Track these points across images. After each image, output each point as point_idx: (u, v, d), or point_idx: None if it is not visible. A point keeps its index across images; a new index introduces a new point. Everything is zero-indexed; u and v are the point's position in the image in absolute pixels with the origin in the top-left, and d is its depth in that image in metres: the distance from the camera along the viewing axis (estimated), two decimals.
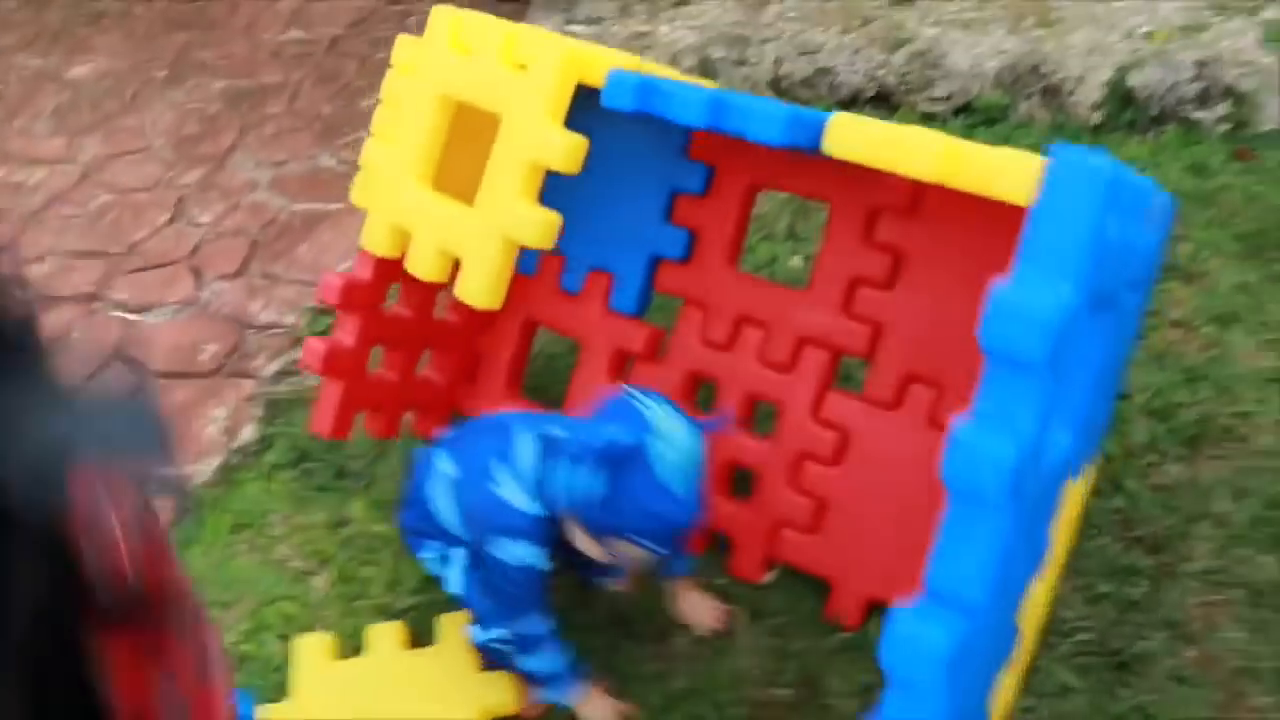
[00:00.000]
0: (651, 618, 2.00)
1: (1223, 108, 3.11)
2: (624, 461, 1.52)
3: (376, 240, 2.09)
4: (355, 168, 3.37)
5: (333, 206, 3.26)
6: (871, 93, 3.25)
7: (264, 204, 3.34)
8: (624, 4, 3.83)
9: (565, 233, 1.97)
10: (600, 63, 1.89)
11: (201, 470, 2.47)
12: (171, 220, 3.33)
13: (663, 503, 1.52)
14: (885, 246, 2.02)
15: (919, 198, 1.98)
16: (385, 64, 3.99)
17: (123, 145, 3.73)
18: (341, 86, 3.89)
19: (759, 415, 2.22)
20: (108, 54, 4.33)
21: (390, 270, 2.12)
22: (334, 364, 2.10)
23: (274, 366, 2.73)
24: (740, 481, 2.14)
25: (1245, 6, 3.52)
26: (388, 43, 4.04)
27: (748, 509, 2.09)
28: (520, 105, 1.88)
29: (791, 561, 2.04)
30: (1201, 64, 3.21)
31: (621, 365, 2.29)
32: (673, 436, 1.54)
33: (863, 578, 1.95)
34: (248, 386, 2.68)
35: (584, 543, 1.64)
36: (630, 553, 1.59)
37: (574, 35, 3.66)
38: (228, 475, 2.45)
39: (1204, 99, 3.13)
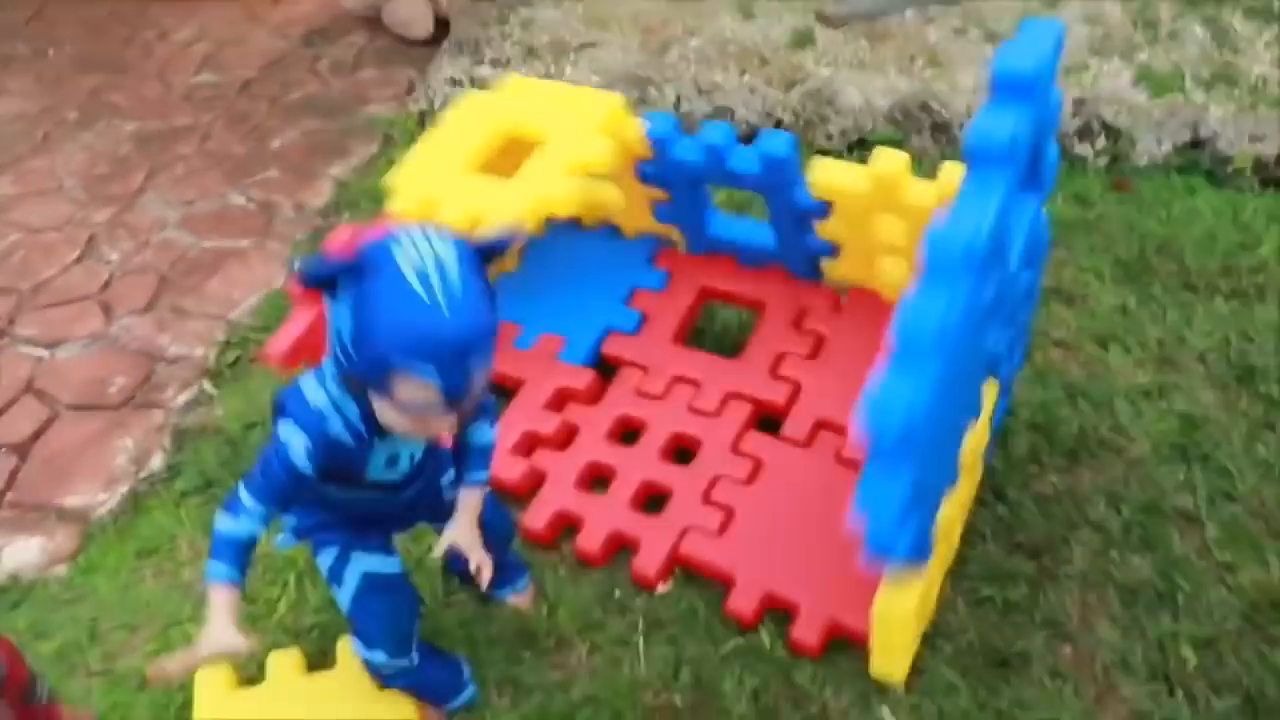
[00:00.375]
0: (551, 630, 2.05)
1: (1101, 143, 3.29)
2: (362, 273, 1.33)
3: (405, 206, 2.24)
4: (264, 206, 3.46)
5: (242, 243, 3.30)
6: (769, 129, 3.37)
7: (173, 241, 3.35)
8: (529, 47, 3.93)
9: (528, 309, 2.53)
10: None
11: (108, 499, 2.48)
12: (81, 258, 3.33)
13: (410, 305, 1.31)
14: (810, 332, 2.46)
15: (838, 301, 2.50)
16: (297, 105, 4.08)
17: (33, 185, 3.72)
18: (252, 128, 3.92)
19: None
20: (20, 96, 4.32)
21: None
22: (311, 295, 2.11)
23: (183, 397, 2.74)
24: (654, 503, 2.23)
25: (1121, 49, 3.74)
26: (299, 84, 4.17)
27: (658, 519, 2.19)
28: (570, 123, 2.35)
29: (695, 562, 2.12)
30: (1080, 102, 3.40)
31: (561, 404, 2.44)
32: (417, 237, 1.35)
33: (762, 577, 2.05)
34: (157, 417, 2.69)
35: (382, 413, 1.44)
36: (413, 395, 1.37)
37: (481, 79, 3.75)
38: (135, 503, 2.46)
39: (1084, 134, 3.31)
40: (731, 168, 2.35)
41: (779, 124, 3.39)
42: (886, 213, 2.28)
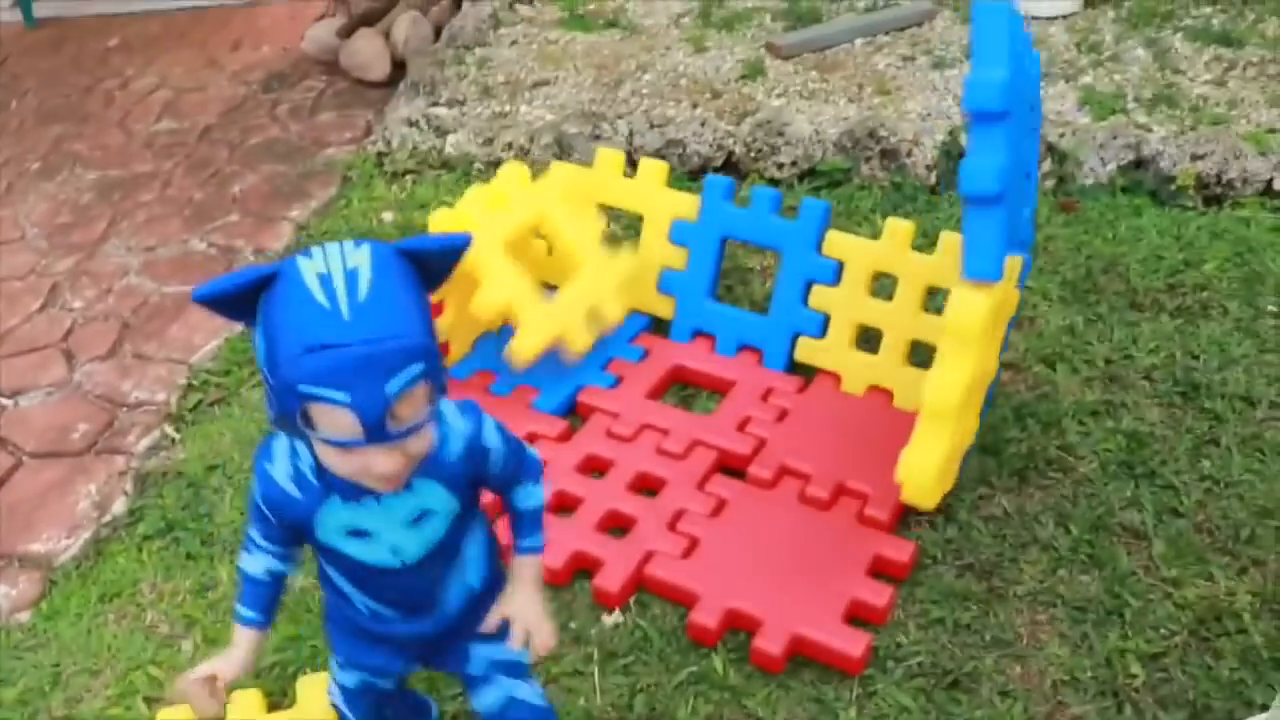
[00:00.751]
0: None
1: (1048, 165, 3.37)
2: (268, 287, 1.20)
3: None
4: (225, 250, 3.49)
5: None
6: (720, 161, 3.43)
7: (135, 287, 3.37)
8: (485, 86, 3.99)
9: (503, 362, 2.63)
10: None
11: (71, 545, 2.49)
12: (44, 306, 3.35)
13: (309, 314, 1.16)
14: (775, 405, 2.57)
15: (805, 385, 2.64)
16: (257, 150, 4.12)
17: None
18: (212, 174, 3.96)
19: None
20: None
21: None
22: None
23: (145, 442, 2.76)
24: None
25: (1065, 73, 3.83)
26: (259, 129, 4.22)
27: (621, 542, 2.25)
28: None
29: (657, 582, 2.17)
30: None
31: (530, 443, 2.45)
32: (329, 245, 1.22)
33: (725, 595, 2.09)
34: (119, 462, 2.70)
35: (320, 453, 1.28)
36: (331, 425, 1.20)
37: (438, 118, 3.80)
38: (98, 549, 2.47)
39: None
40: (765, 228, 2.74)
41: (730, 156, 3.45)
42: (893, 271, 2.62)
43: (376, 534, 1.39)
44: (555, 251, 2.81)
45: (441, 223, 2.57)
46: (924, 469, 2.12)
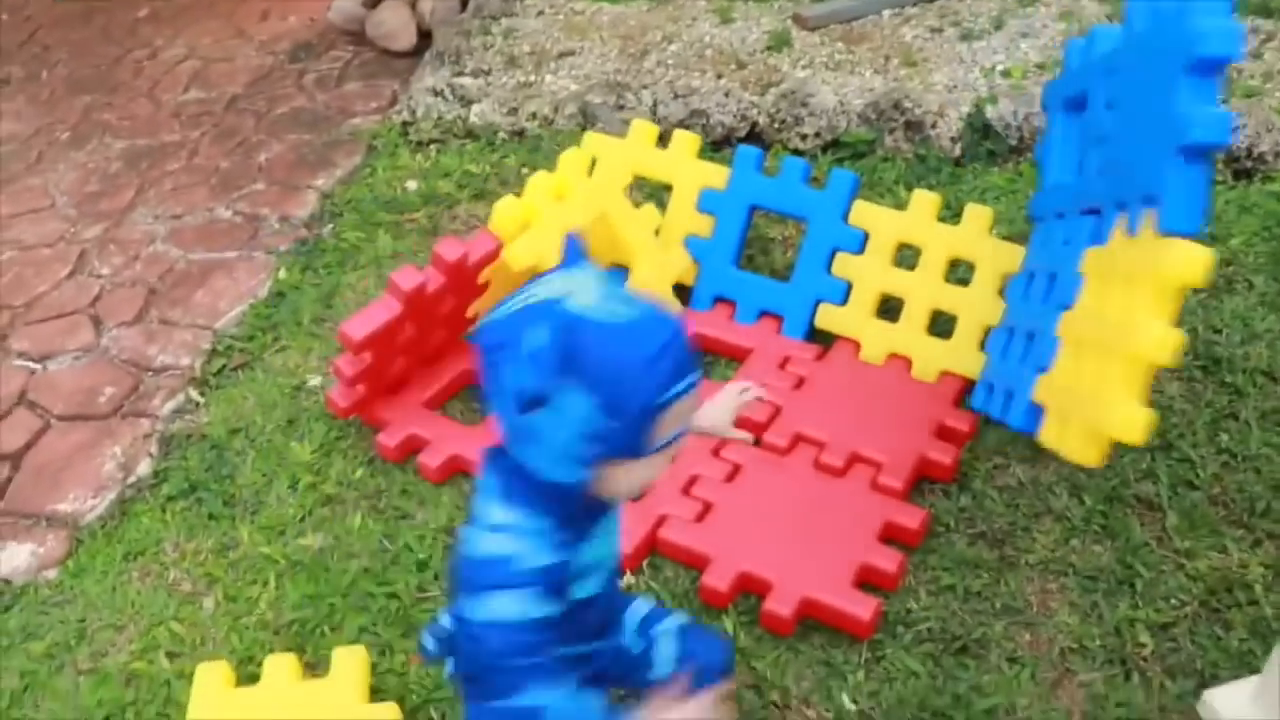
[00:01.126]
0: None
1: None
2: (570, 356, 1.12)
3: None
4: (250, 218, 3.53)
5: (228, 255, 3.36)
6: (744, 132, 3.43)
7: (162, 255, 3.42)
8: (510, 56, 3.99)
9: None
10: None
11: (98, 505, 2.54)
12: (72, 273, 3.40)
13: (621, 336, 1.14)
14: (792, 373, 2.58)
15: (823, 353, 2.65)
16: (283, 119, 4.16)
17: (27, 204, 3.80)
18: (239, 143, 4.00)
19: None
20: (13, 118, 4.40)
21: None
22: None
23: (170, 405, 2.80)
24: None
25: None
26: (286, 99, 4.25)
27: (635, 507, 2.24)
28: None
29: (671, 545, 2.19)
30: None
31: None
32: (573, 283, 1.18)
33: (738, 558, 2.11)
34: (144, 425, 2.75)
35: (621, 481, 1.22)
36: (678, 419, 1.19)
37: (462, 88, 3.82)
38: (123, 509, 2.52)
39: None
40: (793, 197, 2.77)
41: (754, 126, 3.45)
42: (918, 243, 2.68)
43: (600, 563, 1.33)
44: (615, 244, 2.79)
45: (506, 210, 2.54)
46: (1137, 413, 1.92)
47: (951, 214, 3.09)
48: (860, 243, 2.68)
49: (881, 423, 2.39)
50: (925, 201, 2.66)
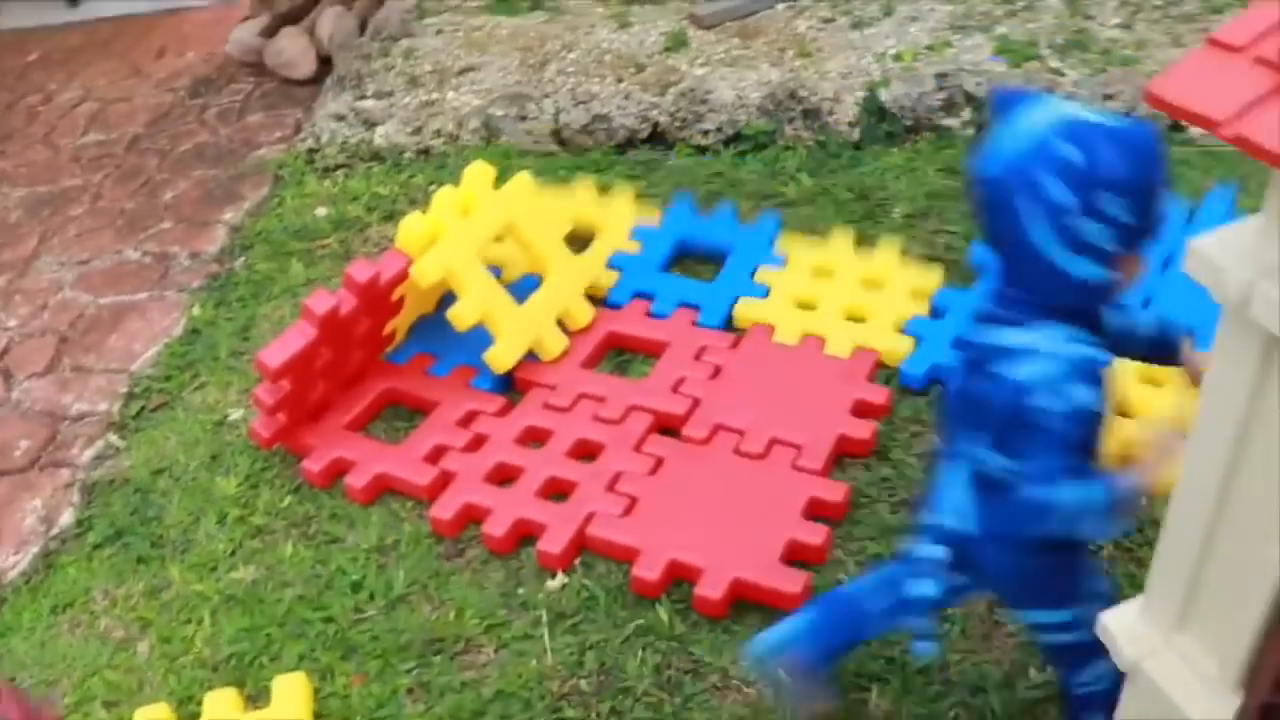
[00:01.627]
0: (459, 633, 2.12)
1: (967, 114, 3.43)
2: (1091, 158, 1.31)
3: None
4: (159, 257, 3.49)
5: (139, 296, 3.32)
6: (646, 133, 3.47)
7: (71, 301, 3.37)
8: (412, 76, 3.99)
9: (443, 343, 2.71)
10: None
11: (20, 561, 2.50)
12: None
13: (1131, 132, 1.35)
14: (709, 363, 2.60)
15: (739, 341, 2.66)
16: (187, 156, 4.11)
17: None
18: (143, 183, 3.95)
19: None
20: None
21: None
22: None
23: (90, 453, 2.77)
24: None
25: (981, 24, 3.88)
26: (188, 135, 4.21)
27: (563, 507, 2.30)
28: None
29: (600, 542, 2.21)
30: (943, 76, 3.53)
31: (469, 422, 2.54)
32: (1040, 113, 1.36)
33: (666, 547, 2.14)
34: (64, 475, 2.72)
35: (1137, 265, 1.41)
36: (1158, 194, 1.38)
37: (366, 111, 3.82)
38: (47, 562, 2.48)
39: (949, 107, 3.44)
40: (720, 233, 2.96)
41: (655, 126, 3.49)
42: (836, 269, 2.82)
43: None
44: (524, 254, 2.82)
45: (412, 228, 2.55)
46: None
47: (854, 197, 3.17)
48: (782, 262, 2.83)
49: (799, 405, 2.43)
50: (842, 237, 2.87)
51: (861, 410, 2.43)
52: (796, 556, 2.13)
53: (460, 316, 2.53)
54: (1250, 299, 1.12)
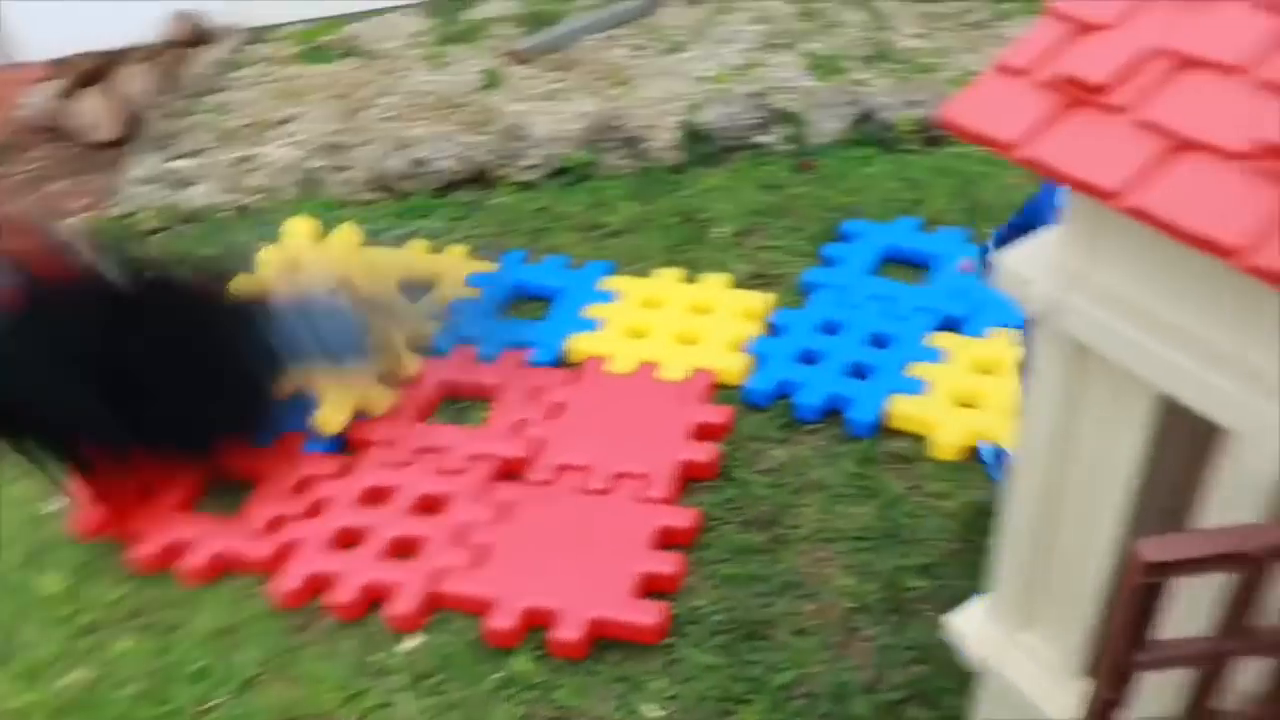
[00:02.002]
0: (316, 709, 2.04)
1: (781, 130, 3.51)
2: None
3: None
4: None
5: None
6: (467, 174, 3.44)
7: None
8: (225, 132, 3.88)
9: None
10: None
11: None
12: None
13: None
14: (547, 402, 2.58)
15: (574, 376, 2.66)
16: None
17: None
18: None
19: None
20: None
21: None
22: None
23: None
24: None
25: (789, 41, 4.00)
26: None
27: (411, 565, 2.24)
28: None
29: (452, 597, 2.17)
30: (757, 95, 3.62)
31: (306, 487, 2.45)
32: None
33: (520, 595, 2.11)
34: None
35: None
36: None
37: (177, 171, 3.69)
38: None
39: (765, 125, 3.52)
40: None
41: (476, 166, 3.46)
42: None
43: None
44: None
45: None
46: None
47: (679, 220, 3.21)
48: (612, 298, 2.86)
49: (639, 434, 2.44)
50: (669, 275, 2.94)
51: (703, 433, 2.45)
52: (651, 588, 2.13)
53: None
54: (1057, 309, 1.18)
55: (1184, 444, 1.20)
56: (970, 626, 1.58)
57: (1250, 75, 0.99)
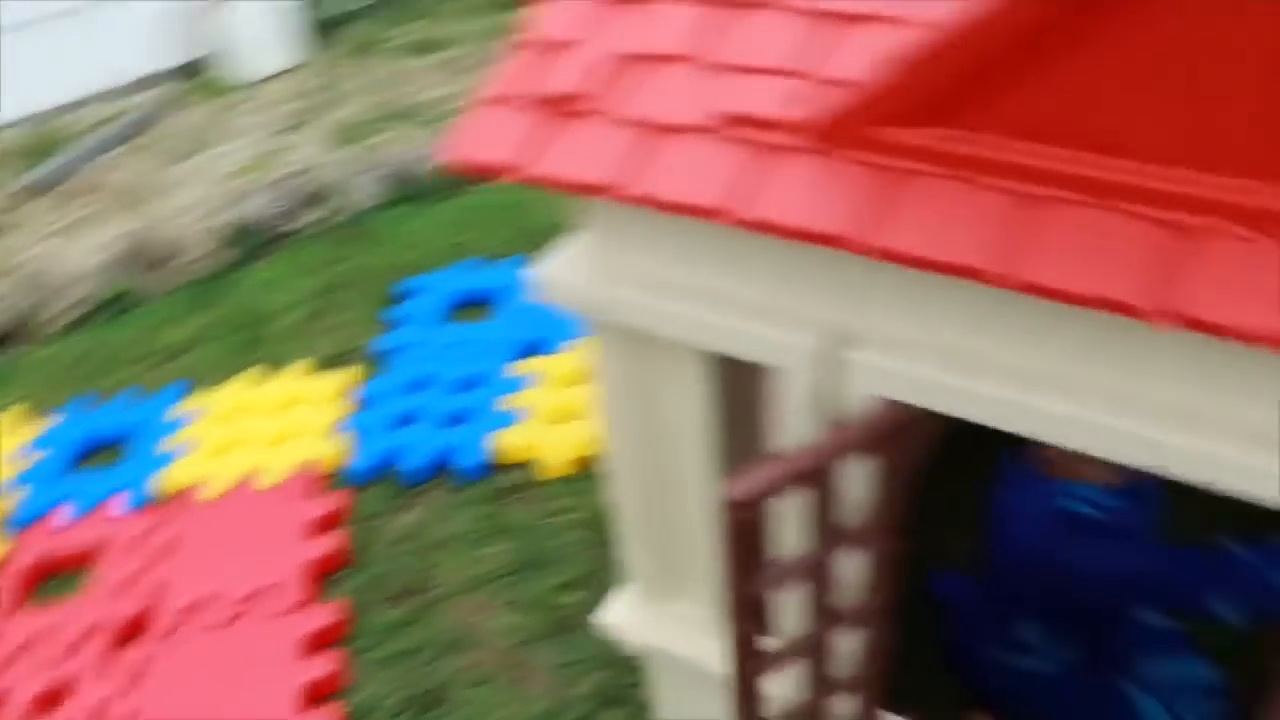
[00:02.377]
0: None
1: (320, 208, 3.48)
2: None
3: None
4: None
5: None
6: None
7: None
8: None
9: None
10: None
11: None
12: None
13: None
14: (160, 540, 2.40)
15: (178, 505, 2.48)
16: None
17: None
18: None
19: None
20: None
21: None
22: None
23: None
24: None
25: (307, 120, 3.97)
26: None
27: None
28: None
29: None
30: (287, 178, 3.56)
31: None
32: None
33: None
34: None
35: None
36: None
37: None
38: None
39: (304, 206, 3.47)
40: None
41: (1, 326, 3.14)
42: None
43: None
44: None
45: None
46: None
47: (242, 322, 3.10)
48: (190, 421, 2.71)
49: (258, 550, 2.33)
50: (246, 377, 2.85)
51: (323, 525, 2.38)
52: (317, 695, 2.04)
53: None
54: (606, 307, 1.25)
55: (746, 395, 1.33)
56: (622, 617, 1.65)
57: (697, 60, 1.10)
